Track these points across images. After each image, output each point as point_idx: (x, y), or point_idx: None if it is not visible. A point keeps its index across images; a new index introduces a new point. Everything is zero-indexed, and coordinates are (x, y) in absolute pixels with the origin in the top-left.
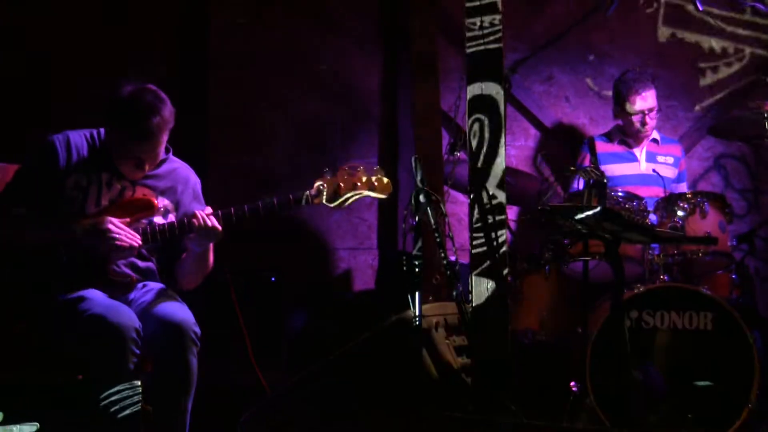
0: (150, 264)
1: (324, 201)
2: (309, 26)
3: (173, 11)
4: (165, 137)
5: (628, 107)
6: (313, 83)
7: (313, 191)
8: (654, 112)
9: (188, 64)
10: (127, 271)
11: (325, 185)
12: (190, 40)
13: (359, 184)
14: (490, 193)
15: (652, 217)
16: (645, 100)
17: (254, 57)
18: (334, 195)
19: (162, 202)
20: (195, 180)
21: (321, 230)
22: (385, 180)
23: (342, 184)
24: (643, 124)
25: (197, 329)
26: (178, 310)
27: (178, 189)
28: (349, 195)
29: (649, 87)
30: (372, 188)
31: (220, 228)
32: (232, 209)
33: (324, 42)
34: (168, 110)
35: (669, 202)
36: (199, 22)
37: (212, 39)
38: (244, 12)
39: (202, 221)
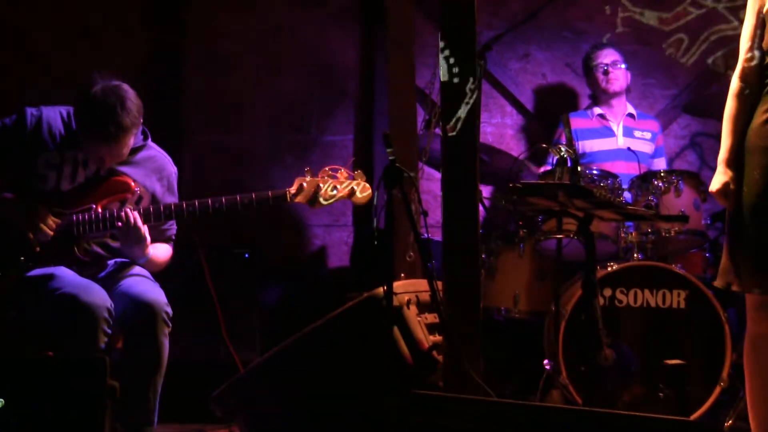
0: None
1: (304, 201)
2: (286, 3)
3: None
4: (129, 139)
5: (592, 65)
6: (289, 60)
7: (293, 190)
8: (618, 67)
9: (163, 41)
10: (98, 250)
11: (306, 185)
12: (165, 17)
13: (339, 187)
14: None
15: (627, 195)
16: (606, 55)
17: (229, 34)
18: (314, 196)
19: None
20: (171, 170)
21: (296, 206)
22: (366, 186)
23: (322, 185)
24: (606, 73)
25: (169, 309)
26: (150, 290)
27: (154, 178)
28: (328, 197)
29: (611, 47)
30: (352, 193)
31: (143, 232)
32: (200, 201)
33: (300, 18)
34: (130, 117)
35: (644, 180)
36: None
37: (187, 16)
38: None
39: (125, 218)
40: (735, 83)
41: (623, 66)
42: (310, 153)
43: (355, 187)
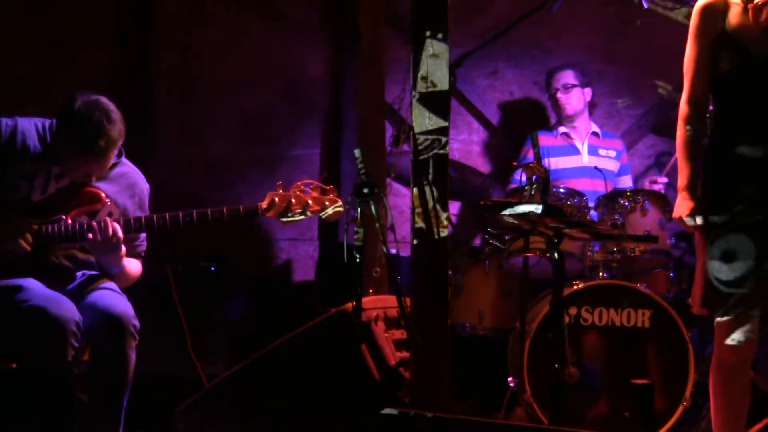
0: (90, 256)
1: (275, 215)
2: (254, 16)
3: (118, 3)
4: (114, 153)
5: (549, 87)
6: (258, 74)
7: (264, 204)
8: (571, 90)
9: (132, 55)
10: (67, 263)
11: (278, 200)
12: (134, 32)
13: (311, 202)
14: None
15: (593, 214)
16: (562, 76)
17: (198, 48)
18: (286, 211)
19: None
20: (143, 187)
21: (262, 220)
22: (338, 202)
23: (294, 201)
24: (554, 98)
25: (136, 322)
26: (117, 303)
27: (126, 194)
28: (299, 213)
29: (571, 69)
30: (324, 209)
31: (121, 236)
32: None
33: (268, 32)
34: (117, 129)
35: (610, 199)
36: (143, 14)
37: (156, 30)
38: (190, 3)
39: (97, 227)
40: (683, 108)
41: (577, 87)
42: (278, 167)
43: (327, 204)
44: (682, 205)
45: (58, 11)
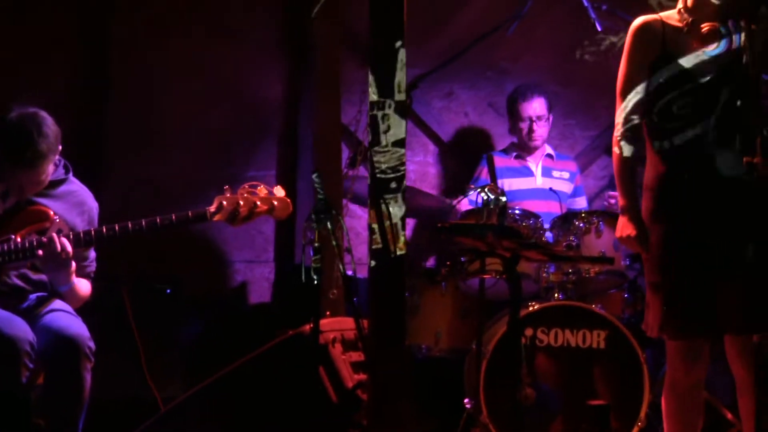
0: (42, 276)
1: (223, 218)
2: (211, 35)
3: (73, 21)
4: (46, 166)
5: (517, 114)
6: (214, 93)
7: (212, 208)
8: (543, 121)
9: (87, 72)
10: (19, 282)
11: (226, 203)
12: (89, 49)
13: (259, 203)
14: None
15: (548, 235)
16: (533, 107)
17: (155, 66)
18: (234, 213)
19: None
20: (92, 205)
21: (218, 242)
22: (286, 200)
23: (242, 203)
24: (531, 131)
25: (91, 344)
26: (72, 324)
27: (75, 212)
28: (248, 214)
29: (540, 96)
30: (272, 208)
31: (70, 251)
32: (119, 225)
33: (225, 51)
34: (47, 143)
35: (565, 220)
36: (99, 32)
37: (112, 48)
38: (146, 21)
39: (46, 243)
40: (621, 129)
41: (547, 116)
42: (233, 187)
43: (275, 202)
44: (627, 226)
45: (12, 29)
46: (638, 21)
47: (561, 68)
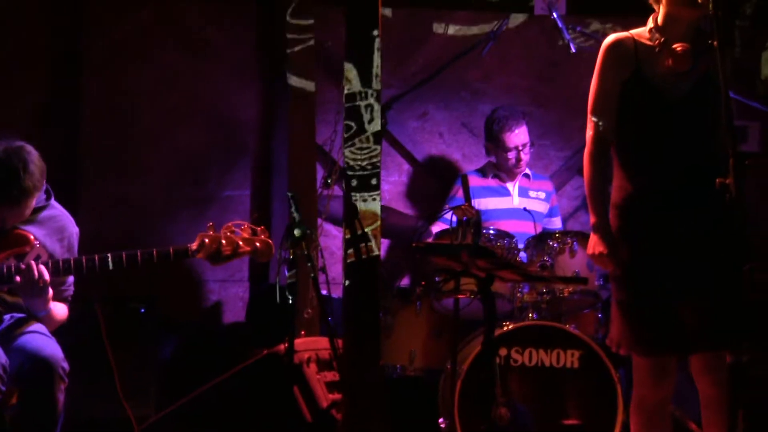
0: (18, 299)
1: (205, 257)
2: (187, 57)
3: (46, 40)
4: (31, 201)
5: (502, 145)
6: (188, 114)
7: (194, 246)
8: (527, 147)
9: (61, 94)
10: None
11: (208, 241)
12: (63, 70)
13: (242, 244)
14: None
15: (523, 255)
16: (518, 137)
17: (129, 86)
18: (216, 253)
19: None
20: (72, 231)
21: (192, 261)
22: (269, 242)
23: (224, 242)
24: (518, 160)
25: (65, 365)
26: (46, 345)
27: (55, 238)
28: (230, 254)
29: (521, 123)
30: (254, 250)
31: (47, 279)
32: (99, 256)
33: (200, 72)
34: (33, 180)
35: (539, 240)
36: (72, 50)
37: (85, 67)
38: (120, 40)
39: (24, 269)
40: (591, 147)
41: (531, 141)
42: (208, 208)
43: (258, 245)
44: (598, 243)
45: None
46: (610, 38)
47: (535, 89)
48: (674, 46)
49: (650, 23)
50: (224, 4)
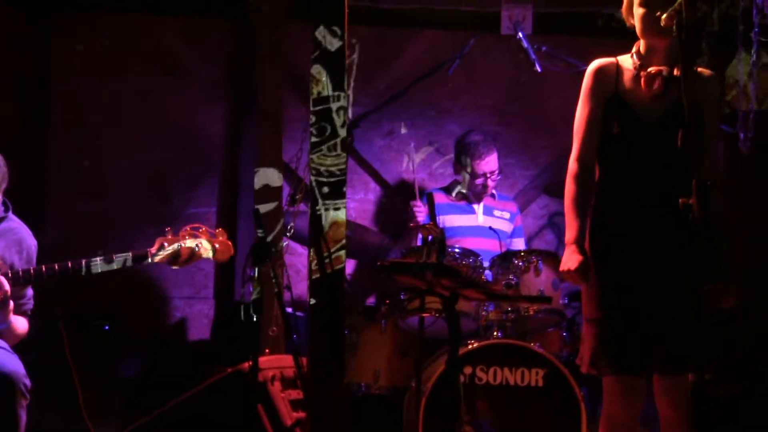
0: None
1: (164, 260)
2: (153, 72)
3: (13, 54)
4: None
5: (471, 171)
6: (156, 130)
7: (153, 249)
8: (495, 174)
9: (29, 108)
10: None
11: (167, 244)
12: (32, 85)
13: (200, 245)
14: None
15: (488, 274)
16: (488, 164)
17: (98, 102)
18: (175, 255)
19: None
20: (31, 243)
21: (157, 278)
22: (227, 243)
23: (183, 245)
24: (485, 186)
25: (27, 381)
26: (8, 361)
27: (13, 250)
28: (189, 256)
29: (492, 150)
30: (213, 251)
31: (8, 290)
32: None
33: (167, 89)
34: None
35: (504, 259)
36: (39, 66)
37: (53, 82)
38: (87, 56)
39: None
40: (574, 167)
41: (499, 172)
42: (174, 225)
43: (217, 245)
44: (570, 258)
45: None
46: (595, 63)
47: (501, 108)
48: (649, 69)
49: (634, 48)
50: (193, 21)
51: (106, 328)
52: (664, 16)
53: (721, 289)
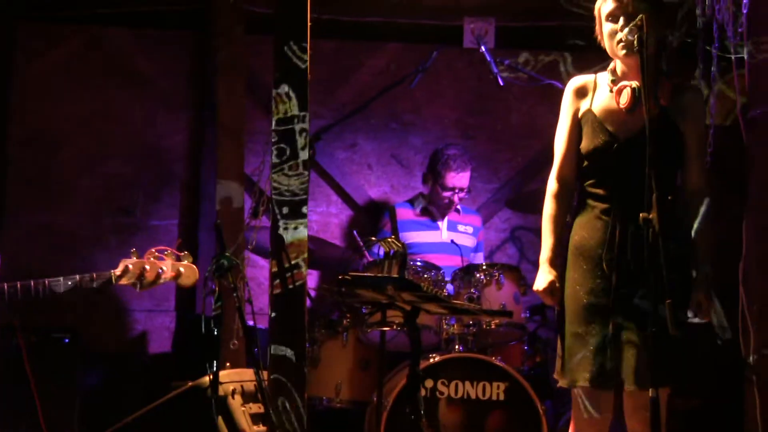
0: None
1: (128, 282)
2: (115, 83)
3: None
4: None
5: (441, 181)
6: (117, 142)
7: (118, 271)
8: (464, 192)
9: None
10: None
11: (131, 267)
12: None
13: (165, 268)
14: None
15: (450, 288)
16: (460, 180)
17: (57, 114)
18: (140, 278)
19: None
20: None
21: (118, 290)
22: (193, 268)
23: (148, 267)
24: (451, 202)
25: None
26: None
27: None
28: (154, 279)
29: (468, 168)
30: (178, 275)
31: None
32: (21, 283)
33: (128, 100)
34: None
35: (466, 272)
36: (1, 78)
37: (13, 95)
38: (50, 68)
39: None
40: (553, 184)
41: (466, 191)
42: (135, 236)
43: (182, 269)
44: (540, 278)
45: None
46: (573, 81)
47: (463, 121)
48: (619, 84)
49: (611, 64)
50: (154, 32)
51: (66, 340)
52: (624, 32)
53: (700, 300)
